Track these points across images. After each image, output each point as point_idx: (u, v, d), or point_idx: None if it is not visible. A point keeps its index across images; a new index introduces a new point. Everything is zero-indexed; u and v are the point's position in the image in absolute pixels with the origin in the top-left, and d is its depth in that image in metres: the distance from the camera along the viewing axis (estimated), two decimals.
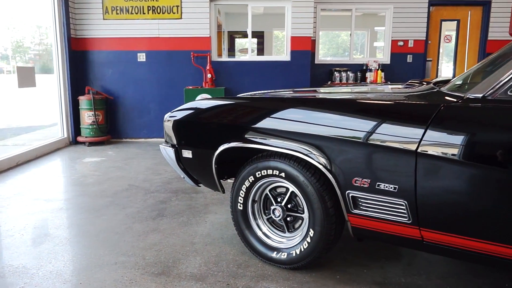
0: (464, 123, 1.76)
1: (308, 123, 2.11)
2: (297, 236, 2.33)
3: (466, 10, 7.50)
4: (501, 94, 1.71)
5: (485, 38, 7.44)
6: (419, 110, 1.89)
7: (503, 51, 2.24)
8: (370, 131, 1.92)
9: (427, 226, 1.86)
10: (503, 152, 1.66)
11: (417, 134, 1.79)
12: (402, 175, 1.85)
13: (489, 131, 1.70)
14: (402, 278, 2.28)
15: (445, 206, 1.80)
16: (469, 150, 1.70)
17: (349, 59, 7.78)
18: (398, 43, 7.44)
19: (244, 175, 2.38)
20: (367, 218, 2.00)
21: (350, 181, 1.98)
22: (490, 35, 7.42)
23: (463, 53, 7.70)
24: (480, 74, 2.13)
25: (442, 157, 1.75)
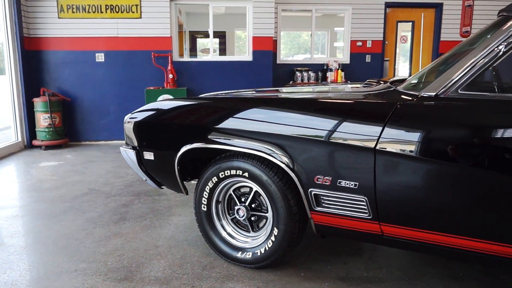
0: (419, 120, 1.83)
1: (270, 123, 2.13)
2: (262, 235, 2.34)
3: (419, 12, 7.80)
4: (452, 92, 1.79)
5: (438, 38, 7.76)
6: (377, 108, 1.95)
7: (453, 51, 2.35)
8: (330, 130, 1.96)
9: (386, 221, 1.92)
10: (455, 148, 1.74)
11: (375, 132, 1.84)
12: (362, 172, 1.90)
13: (442, 128, 1.78)
14: (364, 272, 2.34)
15: (403, 201, 1.86)
16: (424, 146, 1.77)
17: (310, 59, 7.91)
18: (357, 43, 7.63)
19: (208, 176, 2.37)
20: (330, 215, 2.04)
21: (312, 179, 2.01)
22: (443, 36, 7.74)
23: (418, 53, 8.00)
24: (433, 73, 2.22)
25: (399, 153, 1.81)
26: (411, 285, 2.21)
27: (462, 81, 1.78)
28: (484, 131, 1.71)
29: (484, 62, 1.76)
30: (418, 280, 2.25)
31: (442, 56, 2.47)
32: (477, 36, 2.13)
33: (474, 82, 1.80)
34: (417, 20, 7.87)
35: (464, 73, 1.78)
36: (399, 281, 2.24)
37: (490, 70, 1.88)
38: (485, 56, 1.76)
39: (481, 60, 1.77)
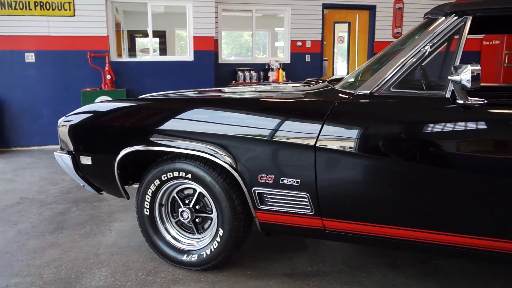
0: (355, 117, 1.90)
1: (213, 123, 2.12)
2: (207, 236, 2.32)
3: (355, 13, 8.12)
4: (385, 90, 1.89)
5: (373, 39, 8.13)
6: (316, 107, 2.00)
7: (385, 51, 2.47)
8: (272, 129, 1.99)
9: (328, 216, 1.98)
10: (389, 143, 1.83)
11: (315, 130, 1.90)
12: (303, 169, 1.94)
13: (376, 124, 1.87)
14: (308, 267, 2.40)
15: (343, 196, 1.93)
16: (360, 142, 1.84)
17: (251, 59, 7.96)
18: (297, 43, 7.79)
19: (149, 178, 2.30)
20: (273, 213, 2.07)
21: (255, 178, 2.03)
22: (377, 37, 8.12)
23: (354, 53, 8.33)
24: (368, 72, 2.32)
25: (338, 150, 1.88)
26: (353, 276, 2.29)
27: (394, 80, 1.88)
28: (414, 126, 1.82)
29: (413, 62, 1.87)
30: (359, 270, 2.35)
31: (375, 56, 2.58)
32: (406, 37, 2.26)
33: (404, 80, 1.90)
34: (352, 21, 8.19)
35: (395, 72, 1.88)
36: (341, 273, 2.32)
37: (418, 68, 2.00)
38: (414, 56, 1.87)
39: (410, 59, 1.87)
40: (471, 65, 1.64)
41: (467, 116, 1.73)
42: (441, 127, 1.75)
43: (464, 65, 1.66)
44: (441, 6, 1.99)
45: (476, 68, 1.63)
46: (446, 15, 1.88)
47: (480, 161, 1.72)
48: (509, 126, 1.70)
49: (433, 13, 2.04)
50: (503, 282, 2.22)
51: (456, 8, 1.86)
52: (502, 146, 1.71)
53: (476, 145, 1.73)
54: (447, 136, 1.74)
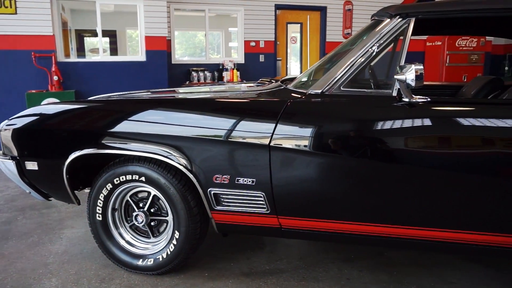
0: (307, 116, 1.94)
1: (167, 124, 2.08)
2: (163, 240, 2.28)
3: (306, 14, 8.28)
4: (336, 90, 1.94)
5: (324, 39, 8.33)
6: (269, 106, 2.02)
7: (335, 52, 2.54)
8: (227, 129, 1.99)
9: (284, 214, 2.01)
10: (340, 140, 1.89)
11: (268, 129, 1.92)
12: (258, 168, 1.95)
13: (328, 123, 1.91)
14: (266, 265, 2.42)
15: (298, 193, 1.96)
16: (313, 140, 1.89)
17: (205, 59, 7.92)
18: (251, 43, 7.84)
19: (101, 183, 2.23)
20: (230, 213, 2.07)
21: (211, 178, 2.02)
22: (328, 37, 8.33)
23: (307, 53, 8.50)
24: (319, 72, 2.38)
25: (291, 149, 1.91)
26: (309, 271, 2.34)
27: (344, 79, 1.94)
28: (364, 124, 1.88)
29: (361, 62, 1.94)
30: (316, 266, 2.40)
31: (326, 56, 2.65)
32: (354, 38, 2.33)
33: (354, 80, 1.96)
34: (304, 22, 8.34)
35: (345, 71, 1.94)
36: (298, 270, 2.36)
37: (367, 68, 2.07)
38: (362, 56, 1.94)
39: (359, 59, 1.94)
40: (414, 65, 1.72)
41: (412, 113, 1.81)
42: (388, 124, 1.82)
43: (409, 65, 1.74)
44: (386, 8, 2.07)
45: (419, 68, 1.72)
46: (391, 17, 1.96)
47: (424, 156, 1.81)
48: (450, 122, 1.80)
49: (379, 15, 2.12)
50: (449, 270, 2.35)
51: (400, 10, 1.95)
52: (444, 141, 1.81)
53: (421, 140, 1.81)
54: (394, 132, 1.82)
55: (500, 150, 1.75)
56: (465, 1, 1.95)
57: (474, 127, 1.76)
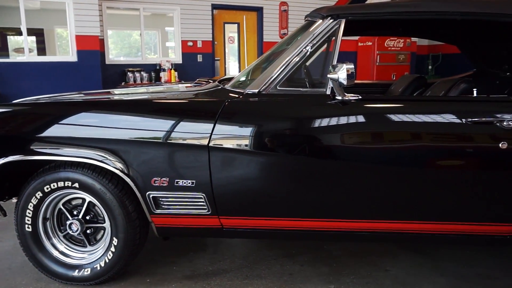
0: (245, 116, 1.96)
1: (102, 128, 2.00)
2: (100, 248, 2.19)
3: (243, 14, 8.34)
4: (272, 89, 1.97)
5: (261, 39, 8.44)
6: (207, 107, 2.01)
7: (272, 51, 2.58)
8: (164, 130, 1.95)
9: (225, 214, 2.01)
10: (278, 139, 1.92)
11: (207, 130, 1.90)
12: (198, 169, 1.94)
13: (266, 122, 1.94)
14: (209, 266, 2.40)
15: (238, 193, 1.97)
16: (252, 139, 1.90)
17: (142, 59, 7.70)
18: (188, 43, 7.74)
19: (30, 191, 2.09)
20: (170, 216, 2.03)
21: (149, 182, 1.97)
22: (265, 37, 8.45)
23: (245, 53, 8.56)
24: (257, 71, 2.40)
25: (230, 148, 1.91)
26: (253, 270, 2.36)
27: (280, 78, 1.97)
28: (299, 122, 1.93)
29: (296, 61, 1.98)
30: (258, 264, 2.42)
31: (263, 55, 2.69)
32: (289, 38, 2.39)
33: (290, 79, 2.01)
34: (241, 22, 8.40)
35: (281, 71, 1.98)
36: (242, 269, 2.37)
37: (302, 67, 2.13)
38: (297, 55, 1.98)
39: (294, 59, 1.98)
40: (346, 64, 1.79)
41: (345, 110, 1.89)
42: (323, 122, 1.89)
43: (340, 64, 1.81)
44: (318, 10, 2.14)
45: (350, 67, 1.79)
46: (323, 18, 2.02)
47: (358, 151, 1.90)
48: (380, 118, 1.90)
49: (312, 16, 2.18)
50: (384, 258, 2.48)
51: (331, 11, 2.02)
52: (375, 137, 1.90)
53: (353, 136, 1.89)
54: (329, 129, 1.89)
55: (425, 144, 1.87)
56: (390, 4, 2.07)
57: (401, 122, 1.88)
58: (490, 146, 1.83)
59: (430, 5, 1.99)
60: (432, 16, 2.00)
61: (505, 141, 1.79)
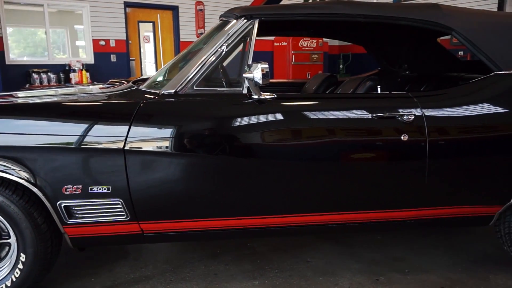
0: (162, 117, 1.91)
1: (3, 134, 1.83)
2: (5, 266, 1.99)
3: (157, 13, 8.14)
4: (189, 89, 1.95)
5: (178, 39, 8.31)
6: (121, 109, 1.93)
7: (188, 50, 2.55)
8: (75, 135, 1.84)
9: (145, 219, 1.94)
10: (197, 139, 1.91)
11: (122, 132, 1.83)
12: (113, 175, 1.85)
13: (183, 122, 1.91)
14: (131, 274, 2.31)
15: (158, 196, 1.92)
16: (169, 141, 1.86)
17: (48, 59, 7.17)
18: (100, 42, 7.38)
19: None
20: (86, 225, 1.92)
21: (60, 190, 1.84)
22: (182, 37, 8.33)
23: (162, 53, 8.36)
24: (172, 71, 2.36)
25: (148, 151, 1.86)
26: (177, 273, 2.32)
27: (196, 78, 1.96)
28: (217, 121, 1.93)
29: (212, 61, 1.98)
30: (182, 267, 2.39)
31: (179, 55, 2.64)
32: (205, 37, 2.38)
33: (206, 79, 2.00)
34: (156, 21, 8.19)
35: (197, 71, 1.96)
36: (165, 273, 2.32)
37: (219, 67, 2.13)
38: (212, 55, 1.98)
39: (210, 59, 1.98)
40: (261, 63, 1.83)
41: (261, 109, 1.93)
42: (240, 121, 1.91)
43: (255, 63, 1.84)
44: (232, 10, 2.16)
45: (265, 66, 1.83)
46: (237, 18, 2.04)
47: (275, 148, 1.95)
48: (295, 115, 1.97)
49: (226, 16, 2.20)
50: (305, 250, 2.58)
51: (244, 12, 2.05)
52: (291, 134, 1.96)
53: (270, 134, 1.94)
54: (247, 128, 1.91)
55: (338, 139, 1.97)
56: (301, 6, 2.15)
57: (315, 119, 1.96)
58: (394, 139, 1.98)
59: (337, 7, 2.10)
60: (339, 18, 2.12)
61: (406, 134, 1.96)
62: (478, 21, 2.17)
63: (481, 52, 2.10)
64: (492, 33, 2.13)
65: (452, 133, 2.01)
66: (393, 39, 2.99)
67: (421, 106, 2.00)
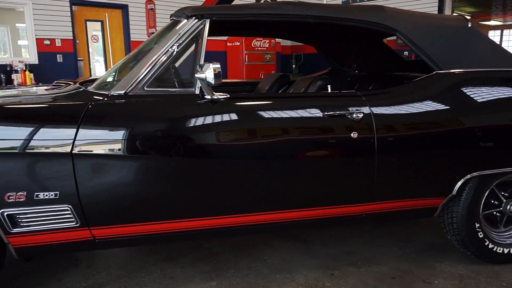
0: (111, 119, 1.85)
1: None
2: None
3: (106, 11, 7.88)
4: (140, 90, 1.91)
5: (129, 39, 8.09)
6: (68, 111, 1.85)
7: (139, 50, 2.49)
8: (18, 139, 1.74)
9: (96, 225, 1.88)
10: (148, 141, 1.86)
11: (69, 136, 1.76)
12: (61, 180, 1.77)
13: (135, 124, 1.86)
14: (83, 283, 2.23)
15: (110, 200, 1.86)
16: (120, 143, 1.81)
17: None
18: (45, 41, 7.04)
19: None
20: (32, 234, 1.82)
21: (2, 198, 1.73)
22: (133, 37, 8.11)
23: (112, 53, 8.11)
24: (122, 72, 2.30)
25: (97, 154, 1.79)
26: (132, 279, 2.26)
27: (147, 79, 1.92)
28: (170, 122, 1.90)
29: (163, 61, 1.95)
30: (137, 272, 2.33)
31: (129, 55, 2.58)
32: (156, 36, 2.33)
33: (158, 79, 1.97)
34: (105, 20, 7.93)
35: (147, 71, 1.92)
36: (120, 280, 2.25)
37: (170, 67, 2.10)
38: (163, 55, 1.95)
39: (160, 59, 1.94)
40: (212, 63, 1.82)
41: (214, 109, 1.92)
42: (193, 121, 1.89)
43: (207, 63, 1.83)
44: (183, 9, 2.13)
45: (217, 66, 1.82)
46: (187, 18, 2.02)
47: (229, 148, 1.95)
48: (248, 115, 1.98)
49: (176, 16, 2.17)
50: (262, 249, 2.60)
51: (195, 11, 2.03)
52: (245, 133, 1.97)
53: (224, 134, 1.93)
54: (200, 129, 1.90)
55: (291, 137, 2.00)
56: (252, 6, 2.17)
57: (268, 118, 1.98)
58: (344, 136, 2.04)
59: (287, 8, 2.14)
60: (289, 19, 2.16)
61: (356, 131, 2.03)
62: (420, 23, 2.29)
63: (423, 52, 2.21)
64: (433, 34, 2.25)
65: (398, 130, 2.10)
66: (342, 39, 3.08)
67: (369, 104, 2.07)
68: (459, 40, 2.30)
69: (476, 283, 2.19)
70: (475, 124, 2.14)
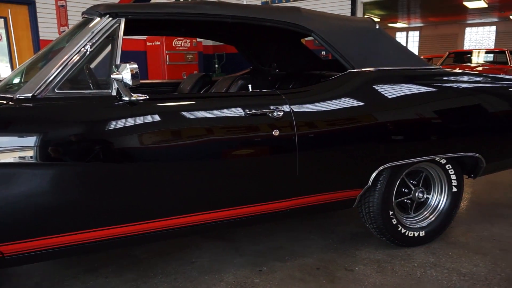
0: (17, 125, 1.70)
1: None
2: None
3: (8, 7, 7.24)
4: (50, 92, 1.77)
5: (37, 37, 7.51)
6: None
7: (48, 49, 2.32)
8: None
9: (4, 240, 1.72)
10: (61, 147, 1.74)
11: None
12: None
13: (45, 129, 1.72)
14: None
15: (19, 213, 1.71)
16: (30, 151, 1.67)
17: None
18: None
19: None
20: None
21: None
22: (42, 35, 7.54)
23: (18, 52, 7.47)
24: (30, 72, 2.13)
25: (3, 163, 1.64)
26: None
27: (57, 81, 1.79)
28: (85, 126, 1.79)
29: (75, 61, 1.84)
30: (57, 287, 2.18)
31: (37, 54, 2.39)
32: (68, 34, 2.19)
33: (70, 80, 1.85)
34: (8, 16, 7.28)
35: (58, 72, 1.80)
36: None
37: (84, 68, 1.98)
38: (75, 55, 1.84)
39: (72, 59, 1.83)
40: (129, 64, 1.75)
41: (133, 111, 1.84)
42: (111, 124, 1.80)
43: (124, 64, 1.76)
44: (95, 7, 2.03)
45: (134, 67, 1.76)
46: (101, 16, 1.93)
47: (150, 150, 1.88)
48: (168, 116, 1.93)
49: (89, 13, 2.06)
50: (189, 251, 2.56)
51: (109, 9, 1.94)
52: (166, 135, 1.92)
53: (145, 136, 1.86)
54: (119, 132, 1.81)
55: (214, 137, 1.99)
56: (169, 5, 2.12)
57: (189, 118, 1.95)
58: (267, 134, 2.08)
59: (205, 8, 2.12)
60: (207, 18, 2.15)
61: (277, 129, 2.07)
62: (333, 24, 2.41)
63: (337, 52, 2.33)
64: (345, 35, 2.38)
65: (317, 126, 2.18)
66: (262, 39, 3.14)
67: (289, 103, 2.13)
68: (369, 40, 2.46)
69: (392, 266, 2.36)
70: (385, 119, 2.30)
